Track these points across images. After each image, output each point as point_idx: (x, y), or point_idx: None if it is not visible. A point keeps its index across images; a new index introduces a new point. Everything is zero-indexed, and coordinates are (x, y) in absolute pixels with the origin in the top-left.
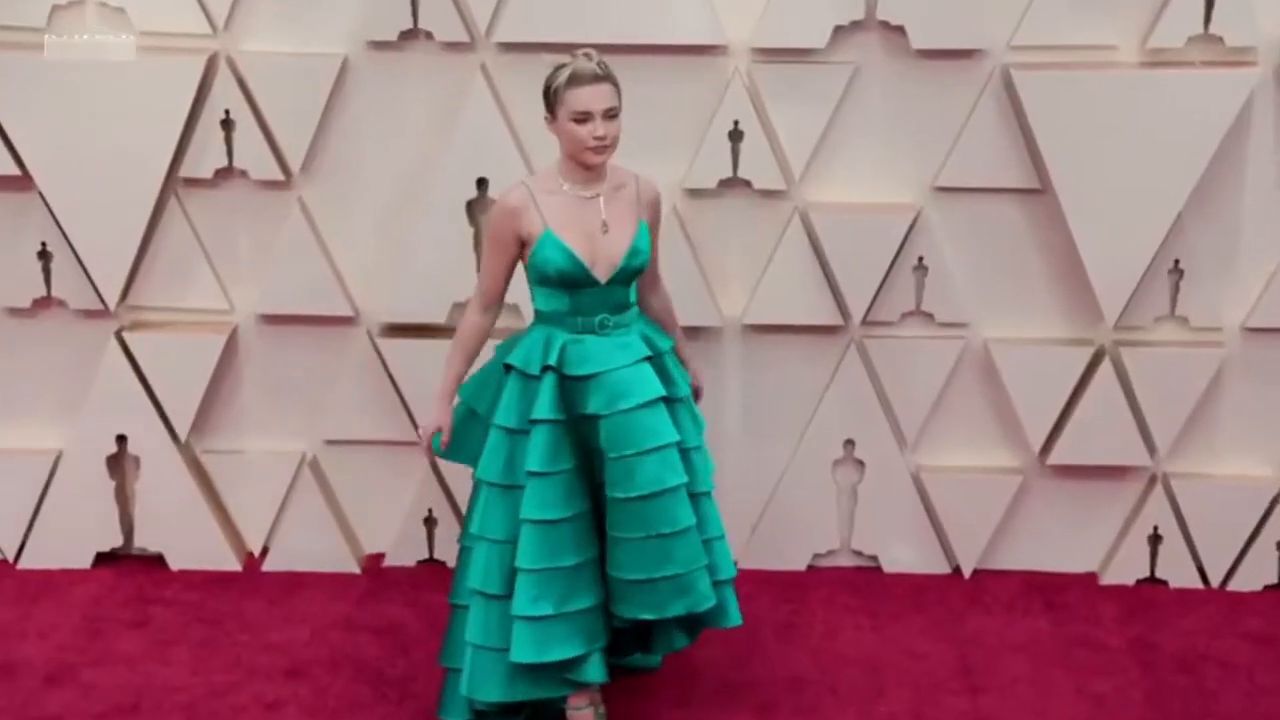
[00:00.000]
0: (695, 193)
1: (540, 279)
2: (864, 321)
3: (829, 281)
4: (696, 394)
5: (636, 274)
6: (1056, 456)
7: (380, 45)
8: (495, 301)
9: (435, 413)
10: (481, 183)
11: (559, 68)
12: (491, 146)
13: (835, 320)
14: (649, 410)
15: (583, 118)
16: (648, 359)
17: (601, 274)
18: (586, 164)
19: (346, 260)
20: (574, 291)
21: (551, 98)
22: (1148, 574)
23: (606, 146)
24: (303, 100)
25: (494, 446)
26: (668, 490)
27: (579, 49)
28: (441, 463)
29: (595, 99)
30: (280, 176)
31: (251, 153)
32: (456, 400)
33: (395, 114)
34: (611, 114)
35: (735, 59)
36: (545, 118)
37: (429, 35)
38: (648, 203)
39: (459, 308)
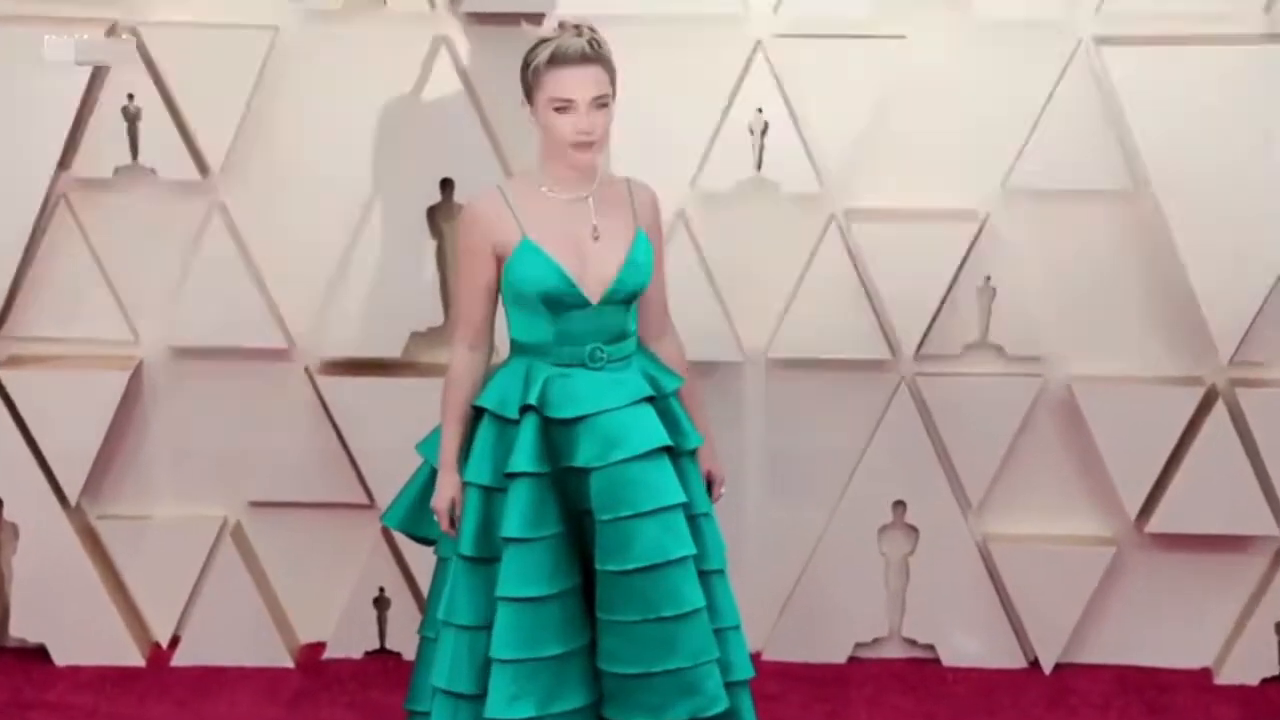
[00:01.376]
0: (708, 197)
1: (518, 299)
2: (917, 355)
3: (873, 306)
4: (710, 484)
5: (635, 294)
6: (1158, 524)
7: (321, 15)
8: (483, 335)
9: (442, 488)
10: (446, 184)
11: (540, 43)
12: (459, 140)
13: (882, 354)
14: (650, 463)
15: (564, 106)
16: (649, 400)
17: (592, 291)
18: (569, 163)
19: (279, 279)
20: (559, 315)
21: (529, 80)
22: (1276, 671)
23: (592, 142)
24: (225, 82)
25: (464, 510)
26: (671, 563)
27: (567, 20)
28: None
29: (581, 84)
30: (196, 176)
31: (161, 147)
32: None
33: (340, 100)
34: (601, 103)
35: (757, 30)
36: (522, 103)
37: (382, 1)
38: (644, 209)
39: (418, 338)
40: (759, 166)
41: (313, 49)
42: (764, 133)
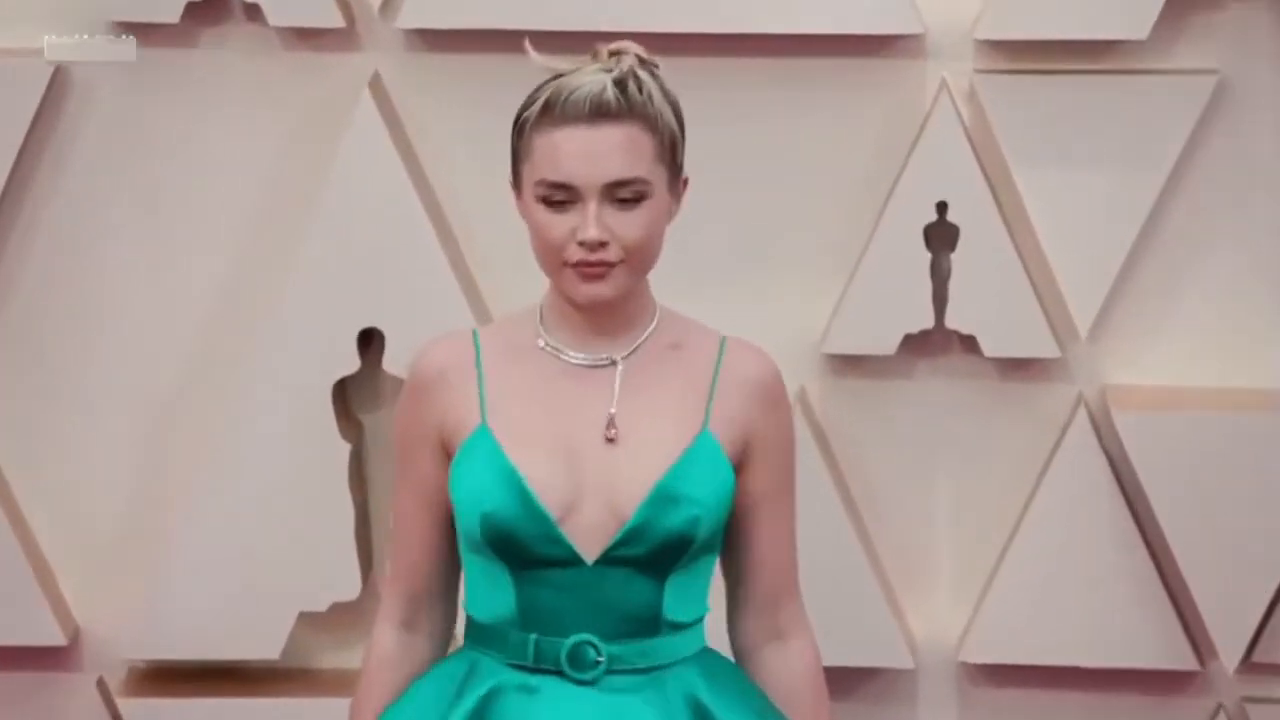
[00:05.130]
0: (849, 364)
1: (466, 541)
2: (1246, 663)
3: (1161, 571)
4: None
5: (677, 552)
6: None
7: (145, 33)
8: (425, 599)
9: None
10: (369, 340)
11: (547, 82)
12: (394, 258)
13: (1181, 661)
14: None
15: (557, 194)
16: None
17: (586, 538)
18: (569, 296)
19: (59, 523)
20: (522, 573)
21: (516, 146)
22: None
23: (608, 265)
24: None
25: None
26: None
27: (609, 42)
28: None
29: (589, 157)
30: None
31: None
32: None
33: (180, 187)
34: (634, 194)
35: (942, 63)
36: (509, 184)
37: (253, 12)
38: (740, 395)
39: (311, 625)
40: (941, 311)
41: (129, 96)
42: (951, 249)
